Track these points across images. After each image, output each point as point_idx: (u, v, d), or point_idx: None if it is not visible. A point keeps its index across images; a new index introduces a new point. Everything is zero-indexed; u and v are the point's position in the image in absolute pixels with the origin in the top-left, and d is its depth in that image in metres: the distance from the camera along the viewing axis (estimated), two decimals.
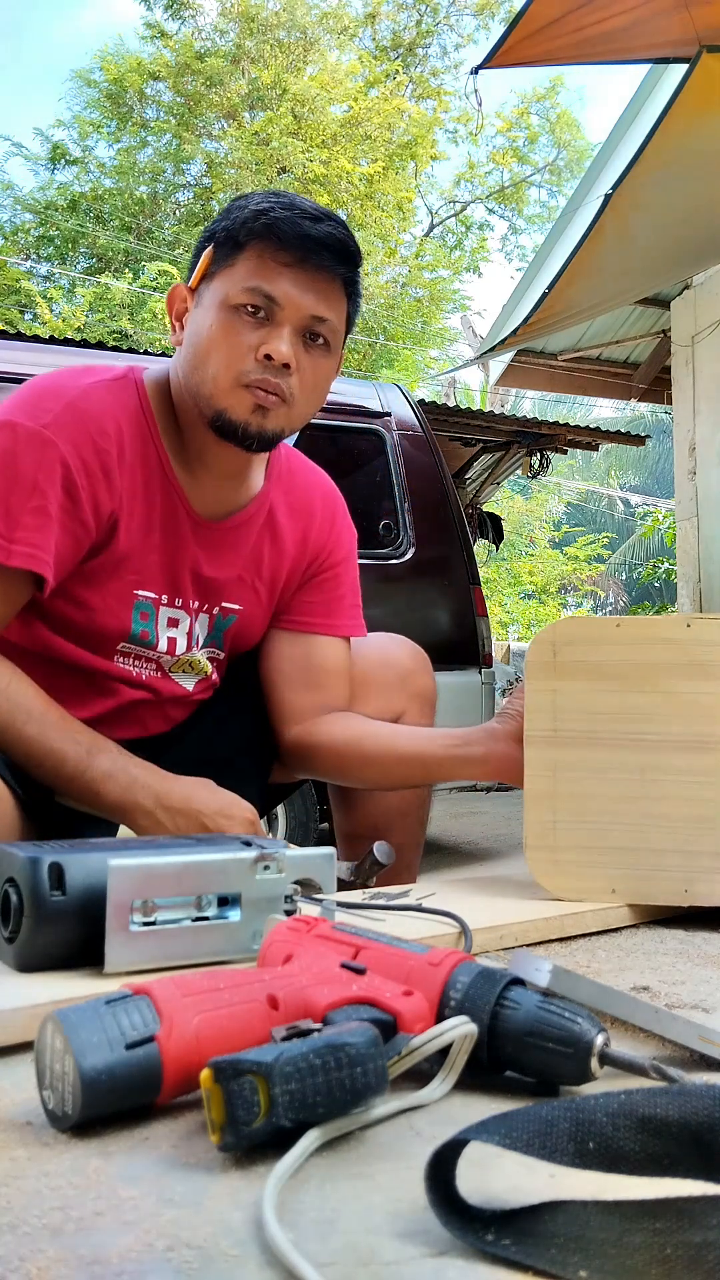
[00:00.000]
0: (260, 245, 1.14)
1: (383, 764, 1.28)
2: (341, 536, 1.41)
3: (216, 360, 1.15)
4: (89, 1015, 0.56)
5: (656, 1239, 0.43)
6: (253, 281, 1.14)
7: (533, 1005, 0.60)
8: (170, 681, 1.31)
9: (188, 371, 1.19)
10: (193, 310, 1.20)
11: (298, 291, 1.14)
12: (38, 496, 1.11)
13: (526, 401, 16.78)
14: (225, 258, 1.16)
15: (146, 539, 1.22)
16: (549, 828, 1.06)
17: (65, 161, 16.07)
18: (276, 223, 1.13)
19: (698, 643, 1.05)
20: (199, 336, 1.17)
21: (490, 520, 6.88)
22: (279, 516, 1.34)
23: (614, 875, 1.04)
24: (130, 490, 1.19)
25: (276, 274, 1.14)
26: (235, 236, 1.16)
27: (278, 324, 1.15)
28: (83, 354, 3.82)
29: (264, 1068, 0.50)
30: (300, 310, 1.15)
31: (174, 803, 1.10)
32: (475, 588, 3.85)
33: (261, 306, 1.14)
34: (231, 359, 1.14)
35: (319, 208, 1.18)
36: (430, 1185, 0.45)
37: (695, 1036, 0.65)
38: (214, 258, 1.18)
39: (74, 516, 1.14)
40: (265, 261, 1.14)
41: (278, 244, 1.14)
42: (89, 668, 1.24)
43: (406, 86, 17.33)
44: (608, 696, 1.06)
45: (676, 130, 4.16)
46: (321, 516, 1.39)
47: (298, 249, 1.14)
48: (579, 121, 19.15)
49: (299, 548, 1.36)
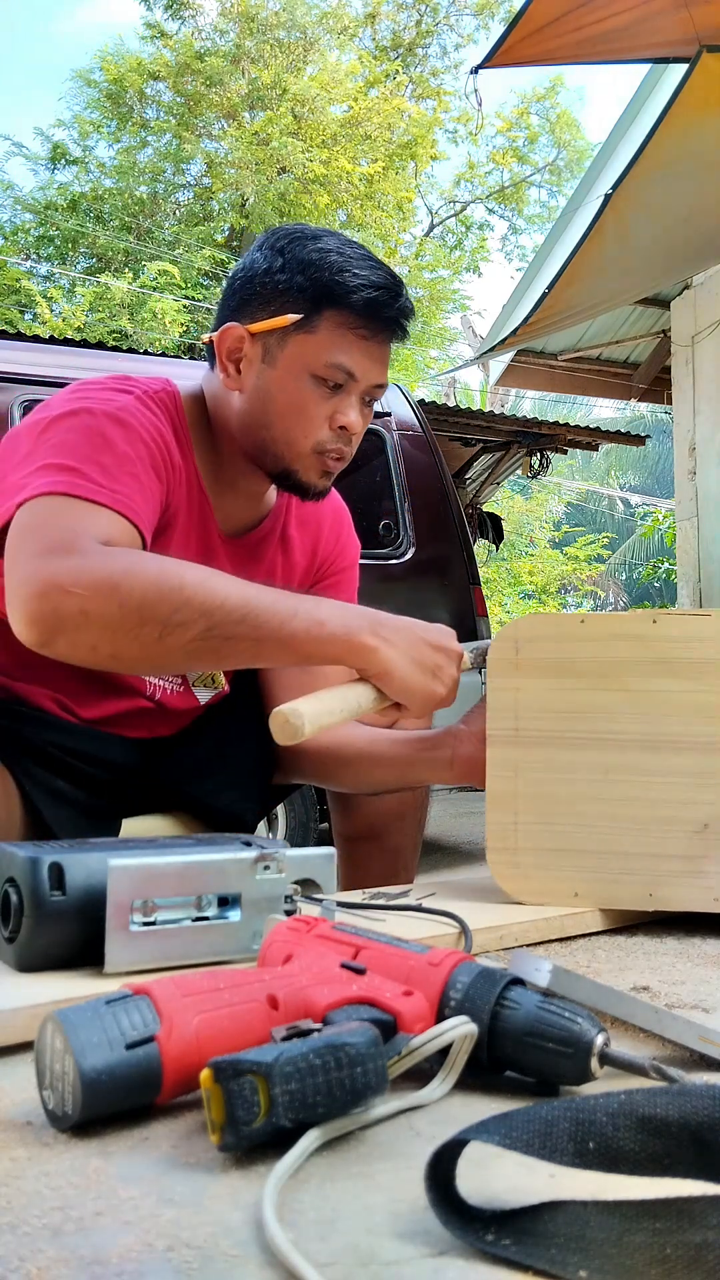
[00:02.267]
0: (339, 316, 1.15)
1: (360, 767, 1.28)
2: (347, 548, 1.44)
3: (294, 427, 1.18)
4: (89, 1015, 0.56)
5: (656, 1239, 0.43)
6: (334, 356, 1.15)
7: (533, 1005, 0.60)
8: (189, 695, 1.32)
9: (254, 426, 1.20)
10: (259, 364, 1.19)
11: (370, 364, 1.18)
12: (129, 464, 1.08)
13: (526, 401, 16.78)
14: (305, 323, 1.16)
15: (184, 550, 1.22)
16: (510, 829, 1.04)
17: (65, 161, 16.05)
18: (377, 303, 1.15)
19: (664, 639, 1.02)
20: (270, 397, 1.18)
21: (490, 520, 6.89)
22: (290, 530, 1.37)
23: (577, 878, 1.02)
24: (176, 494, 1.20)
25: (353, 346, 1.16)
26: (315, 301, 1.15)
27: (348, 393, 1.18)
28: (83, 354, 3.82)
29: (264, 1068, 0.50)
30: (369, 380, 1.19)
31: (389, 624, 1.07)
32: (475, 588, 3.85)
33: (341, 382, 1.17)
34: (310, 429, 1.18)
35: (390, 275, 1.19)
36: (430, 1185, 0.45)
37: (695, 1036, 0.65)
38: (287, 314, 1.16)
39: (160, 497, 1.13)
40: (346, 334, 1.16)
41: (358, 320, 1.15)
42: (109, 679, 1.24)
43: (406, 86, 17.32)
44: (571, 695, 1.04)
45: (676, 130, 4.16)
46: (330, 528, 1.41)
47: (381, 328, 1.17)
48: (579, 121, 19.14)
49: (308, 559, 1.39)
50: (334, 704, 1.02)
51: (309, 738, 0.99)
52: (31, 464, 1.06)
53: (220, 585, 0.99)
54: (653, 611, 1.05)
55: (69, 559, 0.95)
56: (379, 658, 1.03)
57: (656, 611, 1.05)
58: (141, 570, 0.96)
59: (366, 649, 1.03)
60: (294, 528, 1.37)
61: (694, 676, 1.01)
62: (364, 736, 1.31)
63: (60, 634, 0.95)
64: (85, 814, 1.22)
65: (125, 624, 0.95)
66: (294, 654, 1.03)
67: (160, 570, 0.97)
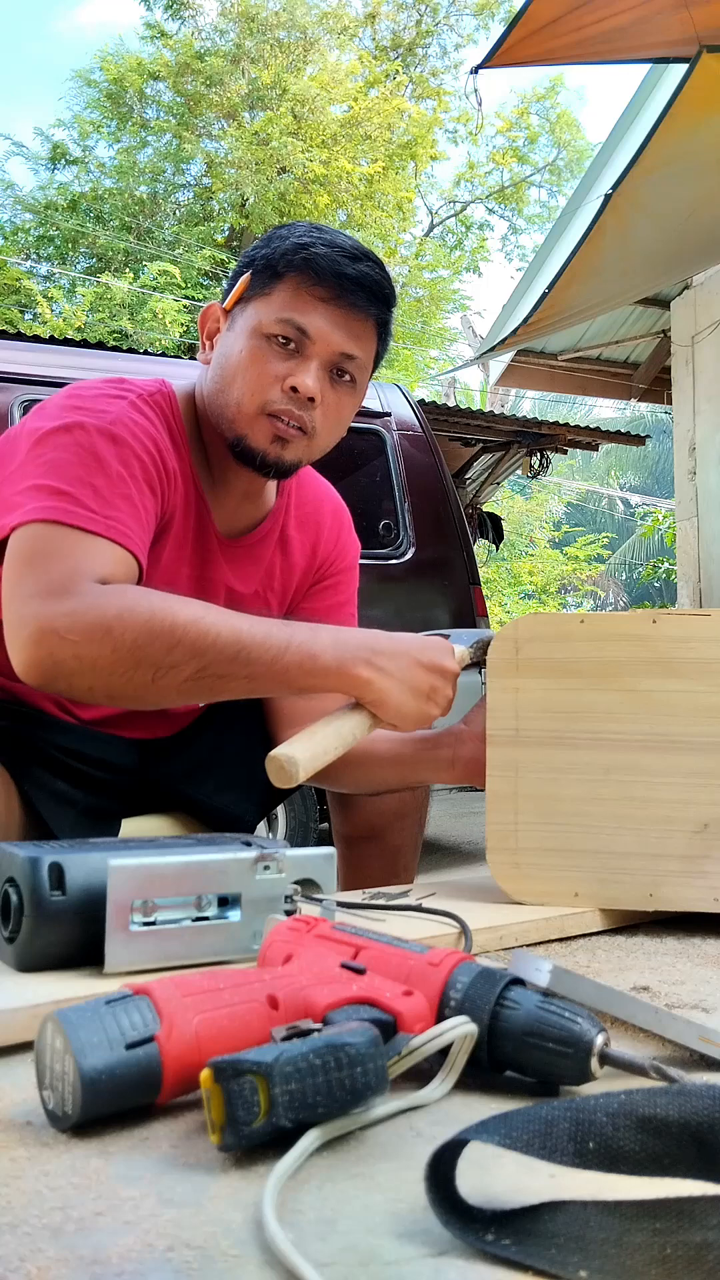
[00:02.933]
0: (297, 278, 1.15)
1: (362, 767, 1.28)
2: (347, 548, 1.44)
3: (242, 386, 1.16)
4: (89, 1015, 0.56)
5: (656, 1239, 0.43)
6: (286, 313, 1.15)
7: (533, 1005, 0.60)
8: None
9: (213, 392, 1.20)
10: (224, 332, 1.21)
11: (329, 327, 1.16)
12: (122, 484, 1.09)
13: (526, 401, 16.78)
14: (262, 286, 1.17)
15: (179, 553, 1.22)
16: (510, 830, 1.04)
17: (65, 161, 16.06)
18: (315, 258, 1.14)
19: (664, 639, 1.03)
20: (227, 359, 1.18)
21: (490, 520, 6.89)
22: (290, 530, 1.36)
23: (577, 878, 1.02)
24: (172, 501, 1.19)
25: (310, 308, 1.15)
26: (274, 266, 1.16)
27: (306, 357, 1.16)
28: (83, 354, 3.82)
29: (264, 1068, 0.50)
30: (330, 346, 1.16)
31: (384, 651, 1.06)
32: (475, 588, 3.85)
33: (292, 338, 1.15)
34: (258, 387, 1.15)
35: (359, 247, 1.19)
36: (430, 1185, 0.45)
37: (695, 1036, 0.65)
38: (250, 284, 1.18)
39: (153, 512, 1.13)
40: (300, 294, 1.15)
41: (314, 279, 1.15)
42: None
43: (406, 86, 17.32)
44: (571, 695, 1.04)
45: (676, 130, 4.16)
46: (330, 529, 1.41)
47: (334, 286, 1.15)
48: (579, 121, 19.13)
49: (308, 560, 1.39)
50: (328, 742, 1.04)
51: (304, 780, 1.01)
52: (24, 480, 1.06)
53: (213, 623, 1.00)
54: (653, 611, 1.05)
55: (64, 602, 0.97)
56: (373, 688, 1.05)
57: (656, 611, 1.05)
58: (133, 613, 0.97)
59: (360, 680, 1.04)
60: (293, 528, 1.36)
61: (694, 676, 1.01)
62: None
63: (58, 678, 0.98)
64: (85, 814, 1.22)
65: (119, 667, 0.97)
66: (289, 687, 1.05)
67: (151, 612, 0.98)
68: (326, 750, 1.03)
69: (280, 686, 1.05)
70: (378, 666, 1.05)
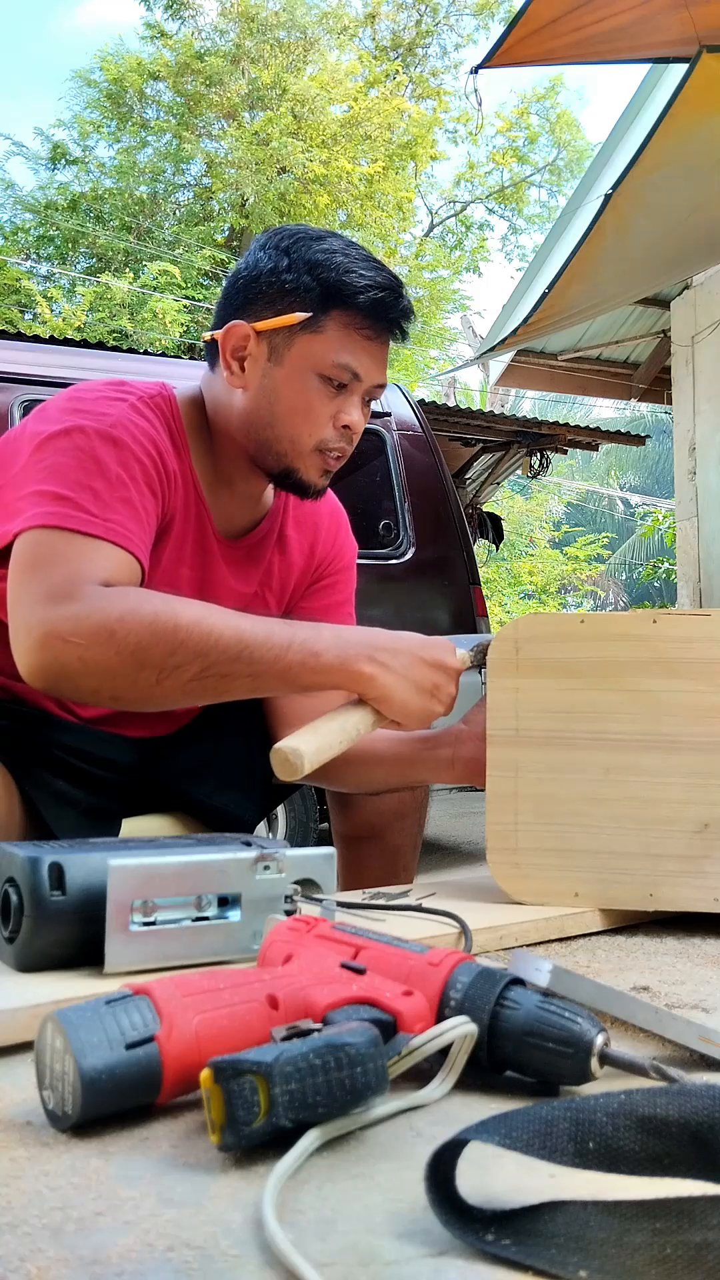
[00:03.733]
0: (350, 316, 1.16)
1: (363, 766, 1.28)
2: (344, 548, 1.45)
3: (300, 425, 1.18)
4: (89, 1015, 0.56)
5: (656, 1239, 0.43)
6: (342, 357, 1.16)
7: (533, 1005, 0.60)
8: None
9: (258, 424, 1.20)
10: (264, 362, 1.19)
11: (373, 365, 1.19)
12: (122, 487, 1.09)
13: (526, 401, 16.78)
14: (312, 322, 1.16)
15: (180, 553, 1.23)
16: (510, 830, 1.04)
17: (65, 161, 16.05)
18: (382, 303, 1.16)
19: (664, 639, 1.03)
20: (277, 395, 1.18)
21: (490, 520, 6.89)
22: (288, 530, 1.37)
23: (577, 878, 1.02)
24: (172, 503, 1.20)
25: (360, 348, 1.17)
26: (325, 302, 1.16)
27: (351, 393, 1.19)
28: (83, 354, 3.82)
29: (264, 1068, 0.50)
30: (372, 381, 1.20)
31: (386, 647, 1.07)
32: (475, 588, 3.85)
33: (347, 382, 1.18)
34: (315, 427, 1.19)
35: (393, 277, 1.20)
36: (430, 1185, 0.45)
37: (695, 1036, 0.65)
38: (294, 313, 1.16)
39: (154, 514, 1.14)
40: (351, 334, 1.17)
41: (364, 320, 1.16)
42: None
43: (406, 86, 17.31)
44: (571, 695, 1.04)
45: (676, 130, 4.16)
46: (327, 529, 1.42)
47: (383, 327, 1.18)
48: (579, 121, 19.11)
49: (306, 559, 1.39)
50: (333, 737, 1.04)
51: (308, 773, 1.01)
52: (26, 485, 1.07)
53: (215, 623, 1.01)
54: (653, 611, 1.05)
55: (67, 606, 0.98)
56: (377, 684, 1.05)
57: (656, 611, 1.05)
58: (136, 615, 0.98)
59: (364, 677, 1.05)
60: (291, 528, 1.37)
61: (694, 676, 1.01)
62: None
63: (63, 680, 0.99)
64: (85, 814, 1.22)
65: (123, 669, 0.97)
66: (292, 685, 1.05)
67: (155, 614, 0.98)
68: (331, 744, 1.03)
69: (284, 685, 1.05)
70: (381, 663, 1.05)
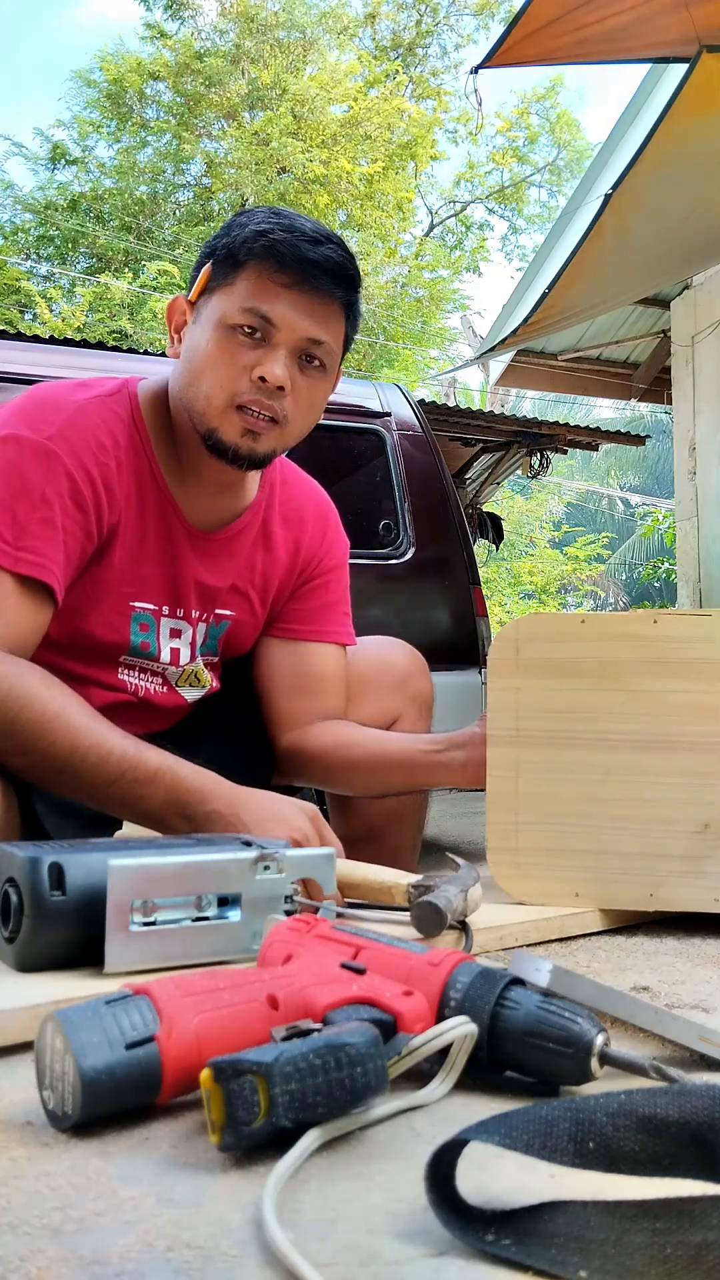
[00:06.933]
0: (259, 265, 1.14)
1: (369, 770, 1.28)
2: (334, 545, 1.43)
3: (211, 379, 1.16)
4: (89, 1015, 0.56)
5: (656, 1239, 0.43)
6: (250, 302, 1.14)
7: (533, 1005, 0.60)
8: (175, 694, 1.32)
9: (183, 387, 1.20)
10: (190, 325, 1.20)
11: (295, 314, 1.15)
12: (44, 508, 1.10)
13: (526, 401, 16.76)
14: (224, 275, 1.16)
15: (140, 550, 1.22)
16: (511, 829, 1.04)
17: (65, 161, 16.06)
18: (276, 244, 1.13)
19: (664, 639, 1.03)
20: (195, 353, 1.18)
21: (490, 520, 6.88)
22: (272, 526, 1.35)
23: (577, 878, 1.02)
24: (126, 503, 1.20)
25: (274, 295, 1.14)
26: (235, 255, 1.16)
27: (274, 345, 1.15)
28: (83, 354, 3.82)
29: (264, 1068, 0.50)
30: (296, 332, 1.15)
31: (239, 804, 1.02)
32: (475, 588, 3.85)
33: (258, 328, 1.14)
34: (226, 379, 1.15)
35: (320, 229, 1.18)
36: (430, 1185, 0.45)
37: (695, 1036, 0.65)
38: (213, 274, 1.18)
39: (83, 529, 1.15)
40: (264, 282, 1.14)
41: (277, 265, 1.14)
42: (91, 680, 1.24)
43: (406, 86, 17.32)
44: (572, 695, 1.04)
45: (676, 130, 4.16)
46: (314, 525, 1.40)
47: (296, 271, 1.14)
48: (579, 121, 19.13)
49: (291, 556, 1.38)
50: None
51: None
52: None
53: (62, 727, 1.01)
54: (653, 611, 1.05)
55: None
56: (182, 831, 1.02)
57: (656, 611, 1.05)
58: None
59: (173, 831, 1.02)
60: (276, 524, 1.35)
61: (694, 676, 1.01)
62: (374, 738, 1.30)
63: None
64: (83, 814, 1.21)
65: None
66: (121, 814, 1.06)
67: (7, 692, 1.00)
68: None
69: (112, 811, 1.05)
70: (190, 816, 1.01)
